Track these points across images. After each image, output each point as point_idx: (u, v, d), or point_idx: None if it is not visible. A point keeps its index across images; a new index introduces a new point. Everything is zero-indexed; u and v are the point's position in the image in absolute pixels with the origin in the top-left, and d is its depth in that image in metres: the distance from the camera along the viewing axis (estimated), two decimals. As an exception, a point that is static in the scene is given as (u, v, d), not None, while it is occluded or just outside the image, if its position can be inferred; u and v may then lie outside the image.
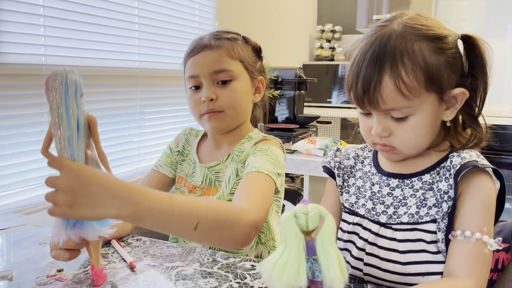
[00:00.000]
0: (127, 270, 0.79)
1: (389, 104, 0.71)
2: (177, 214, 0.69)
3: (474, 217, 0.71)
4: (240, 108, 1.00)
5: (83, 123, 0.66)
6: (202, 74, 0.97)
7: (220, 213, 0.73)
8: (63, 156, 0.64)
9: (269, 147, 0.96)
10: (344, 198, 0.86)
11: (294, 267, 0.47)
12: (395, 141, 0.75)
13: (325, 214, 0.48)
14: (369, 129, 0.77)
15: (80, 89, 0.66)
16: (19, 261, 0.83)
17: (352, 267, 0.80)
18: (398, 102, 0.70)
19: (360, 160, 0.89)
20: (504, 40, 3.21)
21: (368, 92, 0.71)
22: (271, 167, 0.91)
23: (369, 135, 0.78)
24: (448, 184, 0.73)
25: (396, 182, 0.80)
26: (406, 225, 0.76)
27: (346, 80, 0.76)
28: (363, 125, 0.79)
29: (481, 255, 0.69)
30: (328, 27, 3.68)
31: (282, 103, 2.41)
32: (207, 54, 0.97)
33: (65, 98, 0.64)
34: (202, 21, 2.23)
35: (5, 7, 1.26)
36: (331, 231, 0.48)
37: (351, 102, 0.76)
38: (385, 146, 0.76)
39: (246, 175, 0.90)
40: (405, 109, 0.71)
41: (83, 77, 0.68)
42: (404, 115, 0.72)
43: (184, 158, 1.10)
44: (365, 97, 0.72)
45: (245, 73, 1.01)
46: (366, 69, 0.71)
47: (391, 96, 0.70)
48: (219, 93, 0.97)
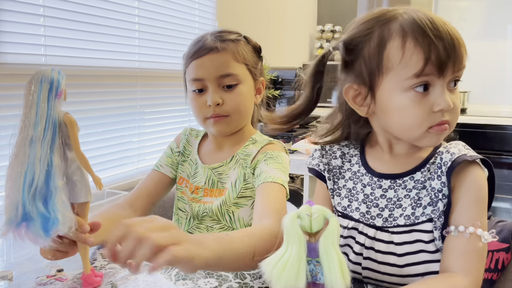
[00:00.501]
0: (127, 270, 0.79)
1: (464, 61, 0.71)
2: (236, 250, 0.67)
3: (467, 211, 0.71)
4: (245, 112, 1.00)
5: (53, 124, 0.64)
6: (208, 78, 0.96)
7: (265, 239, 0.71)
8: (25, 156, 0.62)
9: (279, 154, 0.97)
10: (336, 202, 0.84)
11: (293, 268, 0.47)
12: (452, 116, 0.72)
13: (330, 216, 0.48)
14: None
15: (57, 89, 0.64)
16: (19, 261, 0.83)
17: (351, 271, 0.79)
18: (465, 60, 0.71)
19: (347, 159, 0.86)
20: (504, 40, 3.21)
21: (454, 50, 0.69)
22: (283, 175, 0.92)
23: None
24: (441, 182, 0.73)
25: (388, 183, 0.79)
26: (403, 227, 0.75)
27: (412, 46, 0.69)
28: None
29: (475, 249, 0.69)
30: (328, 27, 3.68)
31: (282, 103, 2.41)
32: (213, 58, 0.96)
33: (37, 99, 0.63)
34: (202, 21, 2.23)
35: (5, 7, 1.26)
36: (335, 234, 0.47)
37: (424, 71, 0.68)
38: (445, 123, 0.72)
39: (262, 185, 0.90)
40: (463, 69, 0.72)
41: (84, 77, 0.68)
42: (460, 78, 0.73)
43: (185, 159, 1.10)
44: (451, 56, 0.68)
45: (249, 75, 1.01)
46: (442, 27, 0.69)
47: (464, 53, 0.71)
48: (225, 97, 0.97)
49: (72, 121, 0.66)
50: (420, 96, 0.70)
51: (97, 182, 0.68)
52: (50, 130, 0.64)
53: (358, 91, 0.76)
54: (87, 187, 0.68)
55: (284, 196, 0.90)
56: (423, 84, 0.69)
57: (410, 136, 0.74)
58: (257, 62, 1.04)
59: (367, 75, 0.74)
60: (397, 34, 0.70)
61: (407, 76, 0.69)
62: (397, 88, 0.71)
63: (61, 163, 0.65)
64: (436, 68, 0.68)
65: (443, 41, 0.68)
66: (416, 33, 0.68)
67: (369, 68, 0.74)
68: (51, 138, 0.64)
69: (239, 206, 0.98)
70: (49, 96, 0.64)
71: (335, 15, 3.81)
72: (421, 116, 0.70)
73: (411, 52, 0.68)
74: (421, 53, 0.68)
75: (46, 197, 0.63)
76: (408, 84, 0.70)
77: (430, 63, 0.68)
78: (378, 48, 0.72)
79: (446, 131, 0.72)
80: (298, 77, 2.34)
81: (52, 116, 0.64)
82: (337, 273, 0.46)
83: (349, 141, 0.88)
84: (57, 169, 0.64)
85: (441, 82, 0.69)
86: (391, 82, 0.72)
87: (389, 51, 0.71)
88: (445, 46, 0.68)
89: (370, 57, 0.73)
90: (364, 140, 0.86)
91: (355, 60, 0.76)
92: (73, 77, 1.49)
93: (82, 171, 0.68)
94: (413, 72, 0.69)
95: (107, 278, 0.76)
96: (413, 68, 0.68)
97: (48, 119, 0.63)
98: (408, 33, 0.69)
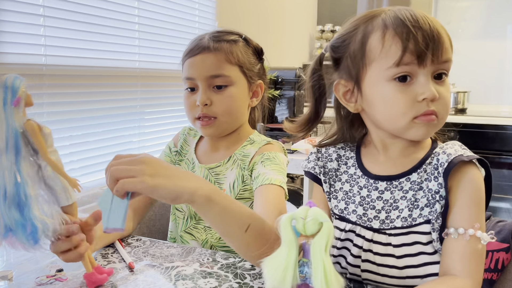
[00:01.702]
0: (127, 270, 0.79)
1: (447, 54, 0.71)
2: (237, 209, 0.70)
3: (465, 213, 0.71)
4: (234, 115, 0.99)
5: (14, 133, 0.62)
6: (199, 77, 0.96)
7: (265, 223, 0.74)
8: None
9: (276, 155, 0.96)
10: (333, 204, 0.84)
11: (280, 269, 0.47)
12: (439, 107, 0.71)
13: (324, 220, 0.48)
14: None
15: (12, 96, 0.61)
16: (19, 261, 0.83)
17: (350, 273, 0.79)
18: (450, 54, 0.72)
19: (344, 162, 0.86)
20: (504, 40, 3.21)
21: (433, 40, 0.69)
22: (281, 177, 0.92)
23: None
24: (438, 183, 0.73)
25: (384, 184, 0.78)
26: (400, 229, 0.74)
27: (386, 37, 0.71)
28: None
29: (475, 251, 0.69)
30: (328, 27, 3.68)
31: (282, 103, 2.41)
32: (204, 57, 0.96)
33: None
34: (202, 21, 2.23)
35: (5, 7, 1.26)
36: (324, 239, 0.47)
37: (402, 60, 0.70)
38: (431, 114, 0.71)
39: (260, 188, 0.90)
40: (451, 64, 0.72)
41: (84, 77, 0.67)
42: (447, 71, 0.73)
43: (182, 158, 1.10)
44: (429, 46, 0.69)
45: (242, 78, 1.00)
46: (422, 20, 0.70)
47: (447, 46, 0.71)
48: (214, 98, 0.96)
49: (34, 128, 0.63)
50: (403, 85, 0.71)
51: (74, 185, 0.67)
52: (11, 140, 0.62)
53: (347, 87, 0.79)
54: (66, 190, 0.67)
55: (283, 197, 0.90)
56: (405, 74, 0.71)
57: (396, 126, 0.74)
58: (256, 63, 1.03)
59: (353, 69, 0.77)
60: (378, 28, 0.73)
61: (388, 65, 0.71)
62: (380, 79, 0.72)
63: (33, 171, 0.64)
64: (415, 57, 0.69)
65: (421, 31, 0.69)
66: (395, 25, 0.70)
67: (354, 62, 0.76)
68: (14, 147, 0.62)
69: None
70: (5, 105, 0.61)
71: (335, 15, 3.81)
72: (404, 105, 0.71)
73: (390, 42, 0.71)
74: (399, 42, 0.70)
75: (20, 206, 0.62)
76: (389, 73, 0.71)
77: (409, 52, 0.69)
78: (361, 42, 0.75)
79: (434, 122, 0.71)
80: (299, 78, 2.35)
81: (11, 126, 0.62)
82: (321, 278, 0.46)
83: (345, 143, 0.88)
84: (27, 178, 0.63)
85: (424, 72, 0.70)
86: (374, 73, 0.73)
87: (370, 44, 0.73)
88: (424, 36, 0.69)
89: (355, 51, 0.76)
90: (360, 142, 0.86)
91: (343, 57, 0.79)
92: (73, 77, 1.49)
93: (56, 175, 0.66)
94: (392, 61, 0.70)
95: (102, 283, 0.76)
96: (392, 58, 0.70)
97: (7, 129, 0.61)
98: (388, 25, 0.71)
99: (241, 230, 0.70)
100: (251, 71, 1.01)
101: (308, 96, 0.86)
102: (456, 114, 2.87)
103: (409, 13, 0.71)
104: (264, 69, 1.08)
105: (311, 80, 0.84)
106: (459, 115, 2.83)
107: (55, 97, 1.43)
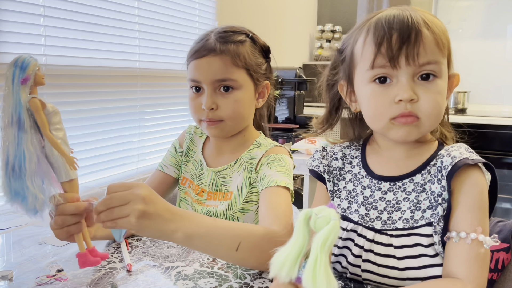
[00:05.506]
0: (127, 270, 0.79)
1: (429, 55, 0.69)
2: (223, 233, 0.72)
3: (468, 217, 0.70)
4: (240, 118, 0.98)
5: (19, 109, 0.65)
6: (205, 81, 0.94)
7: (257, 235, 0.74)
8: (3, 140, 0.65)
9: (282, 157, 0.96)
10: (336, 203, 0.84)
11: (282, 257, 0.49)
12: (421, 108, 0.71)
13: (333, 219, 0.48)
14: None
15: (21, 75, 0.66)
16: (19, 261, 0.83)
17: (350, 273, 0.79)
18: (435, 55, 0.70)
19: (348, 161, 0.86)
20: (504, 40, 3.21)
21: (408, 43, 0.69)
22: (287, 178, 0.91)
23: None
24: (441, 186, 0.72)
25: (387, 185, 0.78)
26: (402, 231, 0.74)
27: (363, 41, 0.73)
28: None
29: (478, 255, 0.68)
30: (328, 27, 3.68)
31: (282, 103, 2.42)
32: (211, 61, 0.93)
33: (7, 84, 0.65)
34: (202, 21, 2.23)
35: (5, 7, 1.26)
36: (324, 236, 0.47)
37: (375, 63, 0.71)
38: (409, 115, 0.70)
39: (266, 190, 0.90)
40: (439, 65, 0.71)
41: (84, 77, 0.68)
42: (436, 72, 0.71)
43: (189, 159, 1.09)
44: (402, 49, 0.69)
45: (249, 81, 0.98)
46: (401, 22, 0.69)
47: (431, 47, 0.69)
48: (220, 101, 0.95)
49: (37, 105, 0.67)
50: (382, 87, 0.72)
51: (70, 163, 0.69)
52: (15, 115, 0.65)
53: (347, 88, 0.82)
54: (65, 167, 0.69)
55: (289, 198, 0.89)
56: (382, 75, 0.72)
57: (377, 127, 0.76)
58: (262, 63, 1.01)
59: (347, 71, 0.80)
60: (363, 32, 0.75)
61: (365, 68, 0.74)
62: (363, 80, 0.75)
63: (34, 146, 0.67)
64: (386, 60, 0.70)
65: (397, 33, 0.69)
66: (374, 28, 0.72)
67: (348, 64, 0.80)
68: (18, 122, 0.65)
69: (244, 212, 0.98)
70: (13, 82, 0.65)
71: (335, 15, 3.81)
72: (381, 106, 0.72)
73: (368, 46, 0.73)
74: (372, 46, 0.71)
75: (18, 177, 0.65)
76: (368, 76, 0.74)
77: (380, 55, 0.71)
78: (352, 45, 0.78)
79: (415, 123, 0.71)
80: (299, 78, 2.34)
81: (16, 102, 0.65)
82: (307, 273, 0.47)
83: (351, 142, 0.88)
84: (26, 152, 0.66)
85: (402, 74, 0.70)
86: (358, 76, 0.77)
87: (356, 47, 0.77)
88: (398, 38, 0.69)
89: (348, 54, 0.79)
90: (366, 141, 0.86)
91: (344, 60, 0.82)
92: (73, 77, 1.49)
93: (56, 152, 0.69)
94: (368, 65, 0.72)
95: (107, 278, 0.76)
96: (368, 61, 0.72)
97: (14, 104, 0.65)
98: (370, 29, 0.73)
99: (231, 250, 0.72)
100: (257, 73, 0.99)
101: (324, 95, 0.89)
102: (456, 114, 2.87)
103: (395, 15, 0.71)
104: (270, 68, 1.06)
105: (328, 79, 0.87)
106: (459, 115, 2.83)
107: (55, 97, 1.43)
